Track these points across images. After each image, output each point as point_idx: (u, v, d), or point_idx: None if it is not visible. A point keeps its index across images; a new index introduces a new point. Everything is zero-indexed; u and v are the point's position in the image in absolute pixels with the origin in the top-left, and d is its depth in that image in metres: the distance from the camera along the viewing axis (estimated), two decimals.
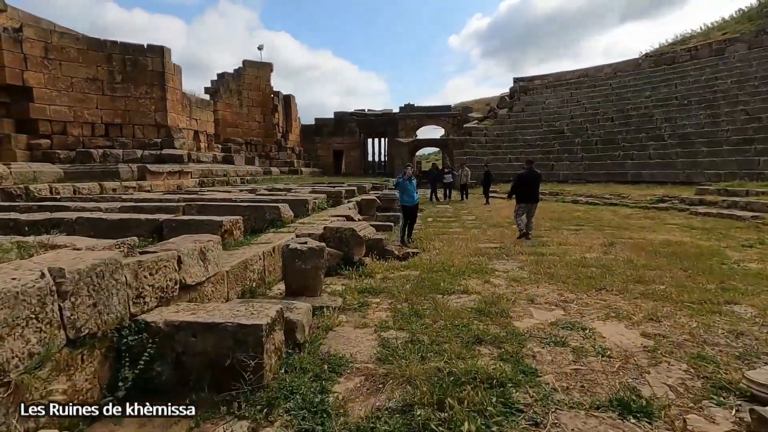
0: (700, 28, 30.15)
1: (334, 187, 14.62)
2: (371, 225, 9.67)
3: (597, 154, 21.30)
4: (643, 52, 30.41)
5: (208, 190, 13.23)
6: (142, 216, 5.12)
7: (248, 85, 28.19)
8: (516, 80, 33.02)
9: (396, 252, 7.75)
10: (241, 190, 12.72)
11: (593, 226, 10.39)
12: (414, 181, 8.03)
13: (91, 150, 14.82)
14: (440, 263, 6.22)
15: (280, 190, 13.62)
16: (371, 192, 15.28)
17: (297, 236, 6.01)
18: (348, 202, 11.82)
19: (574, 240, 8.29)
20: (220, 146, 21.95)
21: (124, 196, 9.20)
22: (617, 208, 14.35)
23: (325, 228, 6.03)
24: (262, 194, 10.60)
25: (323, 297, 4.48)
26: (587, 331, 3.62)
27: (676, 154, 17.95)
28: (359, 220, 8.69)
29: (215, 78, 27.42)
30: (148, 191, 12.78)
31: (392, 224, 10.47)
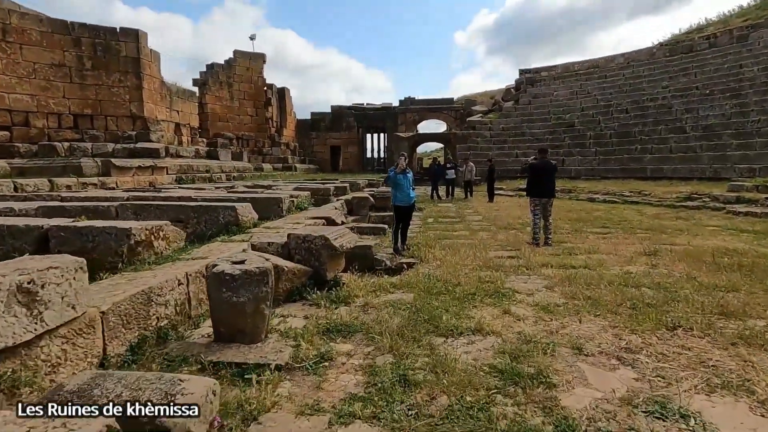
0: (717, 16, 28.47)
1: (324, 183, 13.17)
2: (359, 228, 8.22)
3: (611, 148, 19.73)
4: (656, 42, 28.74)
5: (180, 188, 11.79)
6: (22, 222, 3.65)
7: (240, 77, 26.70)
8: (522, 72, 31.42)
9: (387, 263, 6.32)
10: (218, 187, 11.28)
11: (622, 228, 8.89)
12: (410, 175, 6.55)
13: (56, 143, 13.37)
14: (442, 281, 4.76)
15: (262, 187, 12.18)
16: (366, 189, 13.81)
17: (253, 246, 4.55)
18: (337, 200, 10.36)
19: (606, 246, 6.79)
20: (205, 141, 20.48)
21: (63, 194, 7.75)
22: (640, 207, 12.82)
23: (289, 236, 4.55)
24: (234, 191, 9.14)
25: (268, 343, 3.01)
26: (692, 422, 2.13)
27: (701, 148, 16.38)
28: (344, 222, 7.21)
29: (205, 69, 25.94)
30: (113, 188, 11.34)
31: (386, 226, 9.03)
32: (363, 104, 33.80)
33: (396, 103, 32.74)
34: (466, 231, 8.82)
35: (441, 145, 36.17)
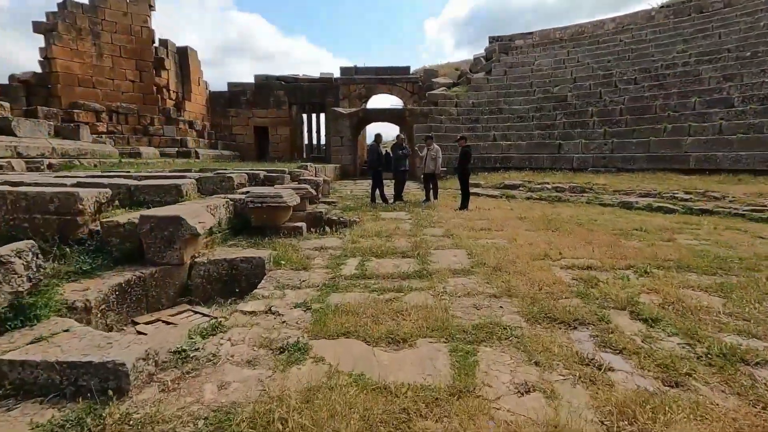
0: None
1: (129, 179, 6.51)
2: None
3: (627, 128, 14.28)
4: (654, 5, 23.76)
5: None
6: None
7: (112, 25, 19.02)
8: (493, 39, 25.69)
9: None
10: None
11: None
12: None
13: None
14: None
15: None
16: (240, 190, 7.26)
17: None
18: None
19: None
20: (8, 107, 12.97)
21: None
22: (733, 222, 7.19)
23: None
24: None
25: None
26: None
27: None
28: None
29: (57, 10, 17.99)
30: None
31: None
32: (298, 75, 26.81)
33: (337, 73, 26.03)
34: (440, 338, 2.52)
35: (399, 129, 29.83)
